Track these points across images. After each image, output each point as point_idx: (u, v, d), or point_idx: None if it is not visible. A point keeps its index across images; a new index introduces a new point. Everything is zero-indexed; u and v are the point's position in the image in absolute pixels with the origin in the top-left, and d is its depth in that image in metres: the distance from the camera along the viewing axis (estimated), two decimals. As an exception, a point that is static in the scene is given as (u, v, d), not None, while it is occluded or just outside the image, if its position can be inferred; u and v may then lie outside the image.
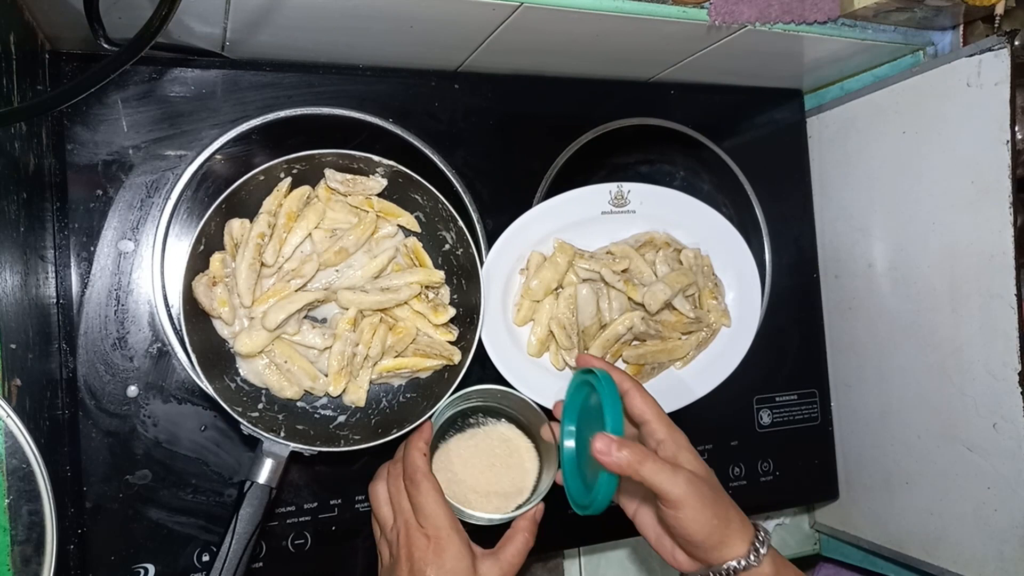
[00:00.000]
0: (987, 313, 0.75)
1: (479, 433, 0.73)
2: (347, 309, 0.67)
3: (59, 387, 0.63)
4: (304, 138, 0.70)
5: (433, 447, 0.70)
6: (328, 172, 0.67)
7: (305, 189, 0.67)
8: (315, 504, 0.71)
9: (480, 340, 0.70)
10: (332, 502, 0.71)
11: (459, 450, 0.71)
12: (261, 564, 0.68)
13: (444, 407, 0.69)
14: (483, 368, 0.73)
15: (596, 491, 0.61)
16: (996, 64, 0.72)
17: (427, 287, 0.70)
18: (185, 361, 0.66)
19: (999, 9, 0.76)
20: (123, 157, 0.66)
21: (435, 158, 0.75)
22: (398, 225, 0.71)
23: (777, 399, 0.90)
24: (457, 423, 0.72)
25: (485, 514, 0.67)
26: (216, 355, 0.64)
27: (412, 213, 0.71)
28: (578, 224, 0.77)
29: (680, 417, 0.79)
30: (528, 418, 0.73)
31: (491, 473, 0.71)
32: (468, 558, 0.60)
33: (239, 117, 0.69)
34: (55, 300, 0.63)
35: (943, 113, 0.78)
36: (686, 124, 0.88)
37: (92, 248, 0.65)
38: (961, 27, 0.82)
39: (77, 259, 0.64)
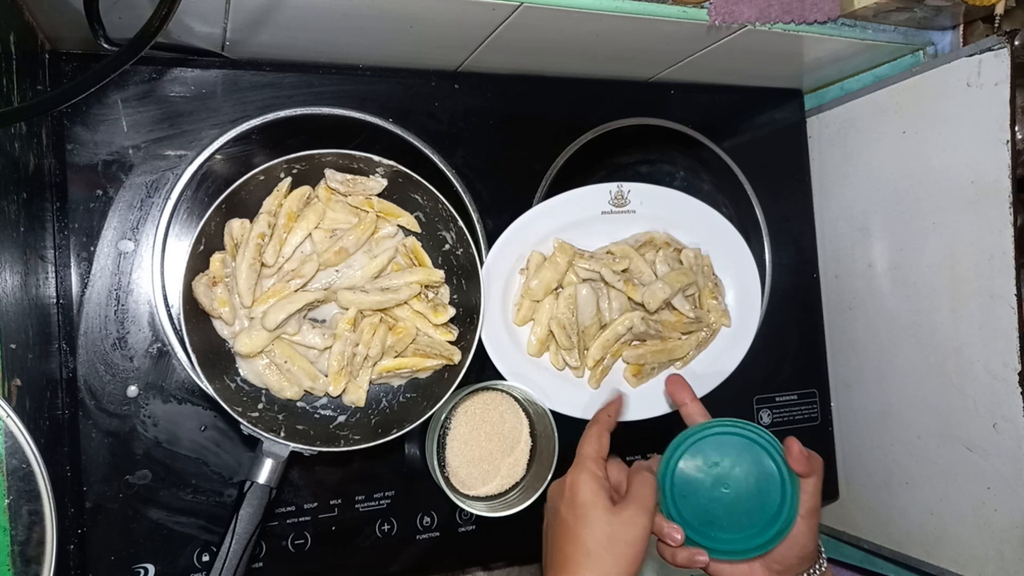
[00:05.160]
0: (987, 313, 0.75)
1: (481, 398, 0.75)
2: (347, 309, 0.67)
3: (59, 387, 0.63)
4: (304, 138, 0.70)
5: (449, 413, 0.73)
6: (328, 172, 0.67)
7: (305, 189, 0.67)
8: (315, 504, 0.71)
9: (480, 340, 0.70)
10: (332, 502, 0.71)
11: (467, 417, 0.74)
12: (261, 564, 0.68)
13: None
14: (483, 368, 0.73)
15: (784, 513, 0.59)
16: (996, 64, 0.72)
17: (427, 287, 0.70)
18: (185, 361, 0.66)
19: (999, 9, 0.76)
20: (123, 157, 0.66)
21: (435, 158, 0.75)
22: (398, 225, 0.71)
23: (777, 399, 0.90)
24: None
25: (480, 505, 0.71)
26: (216, 355, 0.64)
27: (412, 213, 0.71)
28: (578, 224, 0.77)
29: (680, 417, 0.79)
30: (530, 407, 0.76)
31: (488, 443, 0.74)
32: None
33: (239, 117, 0.69)
34: (55, 300, 0.63)
35: (943, 113, 0.78)
36: (686, 124, 0.88)
37: (92, 248, 0.65)
38: (961, 27, 0.82)
39: (77, 259, 0.64)
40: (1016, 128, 0.71)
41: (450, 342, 0.70)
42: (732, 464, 0.62)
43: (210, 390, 0.61)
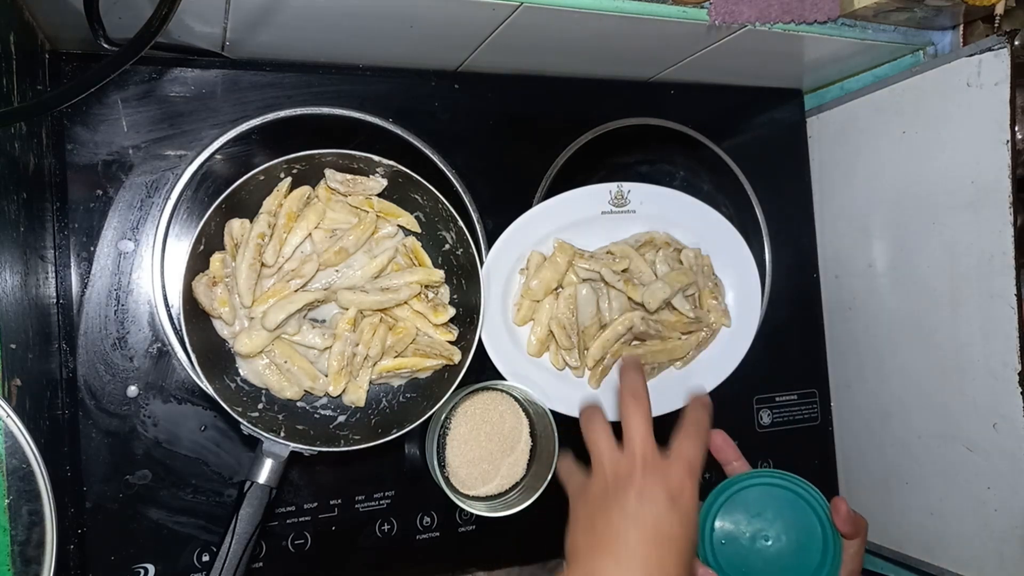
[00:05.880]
0: (987, 313, 0.75)
1: (481, 398, 0.75)
2: (347, 309, 0.67)
3: (59, 387, 0.63)
4: (304, 138, 0.70)
5: (449, 413, 0.73)
6: (328, 172, 0.67)
7: (305, 189, 0.67)
8: (315, 504, 0.71)
9: (480, 340, 0.70)
10: (332, 502, 0.71)
11: (467, 417, 0.74)
12: (261, 564, 0.68)
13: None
14: (483, 368, 0.73)
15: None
16: (996, 64, 0.72)
17: (427, 287, 0.70)
18: (185, 361, 0.66)
19: (999, 9, 0.76)
20: (123, 157, 0.66)
21: (435, 158, 0.75)
22: (398, 225, 0.71)
23: (777, 399, 0.90)
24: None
25: (480, 505, 0.71)
26: (216, 355, 0.64)
27: (412, 213, 0.71)
28: (578, 224, 0.77)
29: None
30: (530, 407, 0.76)
31: (488, 443, 0.74)
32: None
33: (239, 117, 0.69)
34: (55, 300, 0.63)
35: (943, 113, 0.78)
36: (686, 124, 0.88)
37: (92, 248, 0.65)
38: (961, 27, 0.82)
39: (77, 259, 0.64)
40: (1016, 128, 0.71)
41: (450, 342, 0.70)
42: (775, 516, 0.60)
43: (210, 390, 0.61)
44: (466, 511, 0.74)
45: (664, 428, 0.82)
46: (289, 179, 0.66)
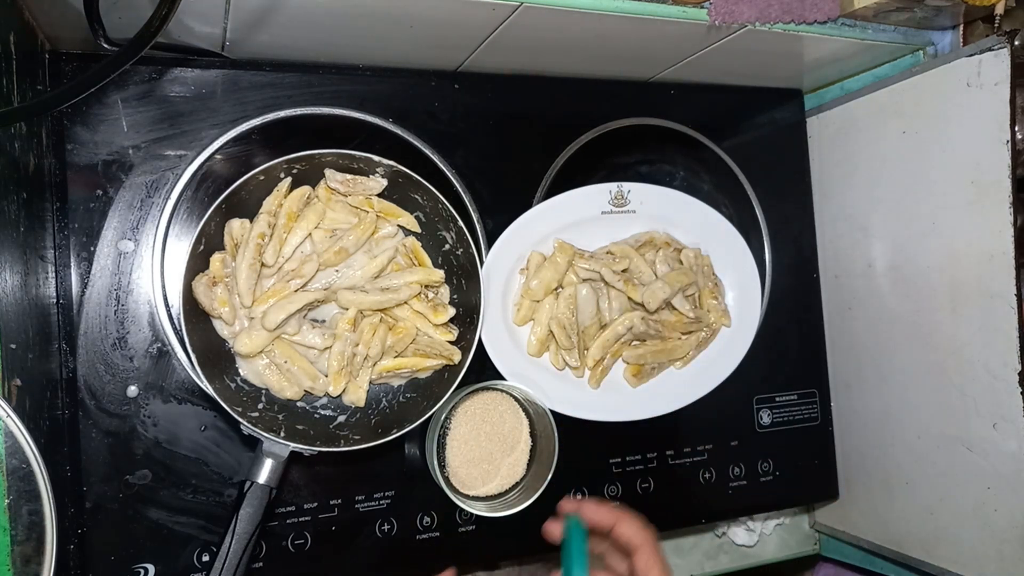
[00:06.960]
0: (987, 313, 0.75)
1: (481, 398, 0.75)
2: (347, 309, 0.67)
3: (59, 387, 0.63)
4: (304, 138, 0.70)
5: (449, 413, 0.73)
6: (328, 172, 0.67)
7: (305, 189, 0.67)
8: (315, 504, 0.71)
9: (480, 340, 0.70)
10: (332, 502, 0.71)
11: (467, 417, 0.74)
12: (261, 564, 0.68)
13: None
14: (483, 368, 0.73)
15: None
16: (996, 64, 0.72)
17: (427, 287, 0.70)
18: (185, 361, 0.66)
19: (999, 9, 0.76)
20: (123, 157, 0.66)
21: (435, 158, 0.75)
22: (398, 225, 0.71)
23: (777, 399, 0.90)
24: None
25: (480, 505, 0.71)
26: (216, 355, 0.64)
27: (412, 213, 0.71)
28: (578, 224, 0.77)
29: (680, 417, 0.80)
30: (530, 407, 0.76)
31: (488, 443, 0.74)
32: None
33: (239, 117, 0.69)
34: (55, 300, 0.63)
35: (943, 113, 0.78)
36: (686, 124, 0.88)
37: (92, 248, 0.65)
38: (961, 27, 0.82)
39: (77, 259, 0.64)
40: (1016, 128, 0.71)
41: (450, 342, 0.70)
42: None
43: (210, 390, 0.61)
44: (466, 511, 0.74)
45: (662, 428, 0.82)
46: (289, 179, 0.66)
